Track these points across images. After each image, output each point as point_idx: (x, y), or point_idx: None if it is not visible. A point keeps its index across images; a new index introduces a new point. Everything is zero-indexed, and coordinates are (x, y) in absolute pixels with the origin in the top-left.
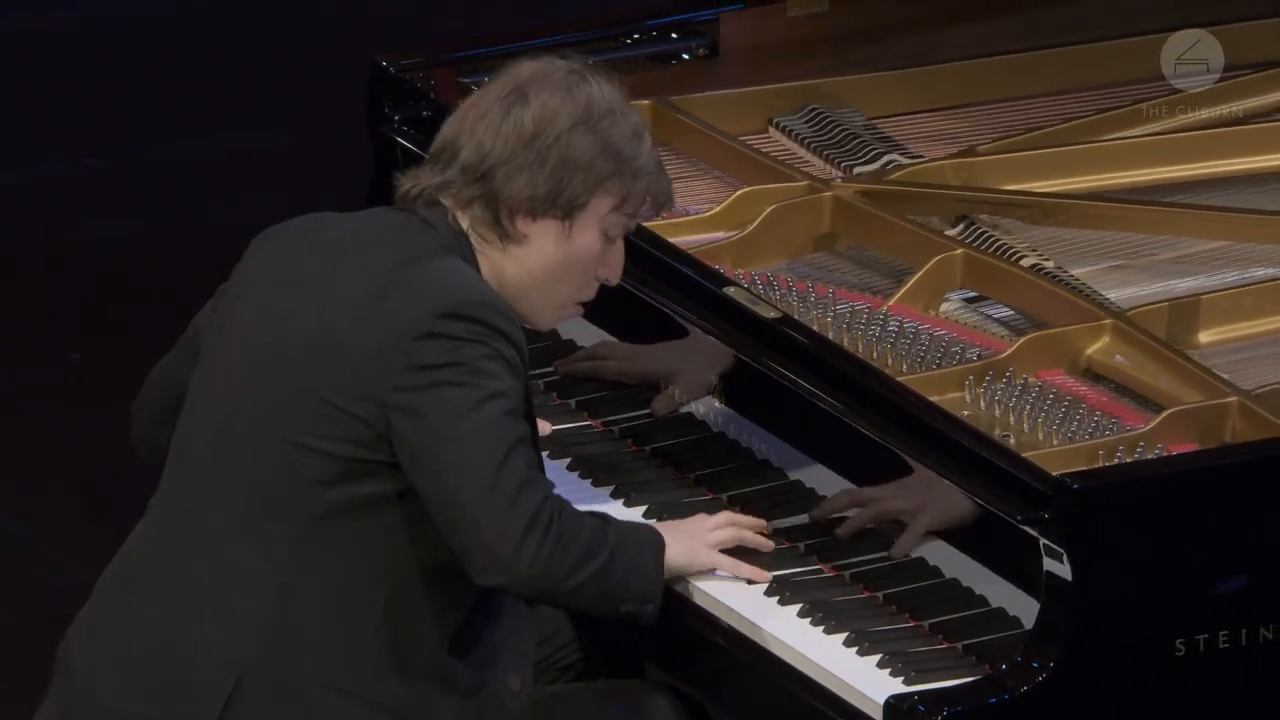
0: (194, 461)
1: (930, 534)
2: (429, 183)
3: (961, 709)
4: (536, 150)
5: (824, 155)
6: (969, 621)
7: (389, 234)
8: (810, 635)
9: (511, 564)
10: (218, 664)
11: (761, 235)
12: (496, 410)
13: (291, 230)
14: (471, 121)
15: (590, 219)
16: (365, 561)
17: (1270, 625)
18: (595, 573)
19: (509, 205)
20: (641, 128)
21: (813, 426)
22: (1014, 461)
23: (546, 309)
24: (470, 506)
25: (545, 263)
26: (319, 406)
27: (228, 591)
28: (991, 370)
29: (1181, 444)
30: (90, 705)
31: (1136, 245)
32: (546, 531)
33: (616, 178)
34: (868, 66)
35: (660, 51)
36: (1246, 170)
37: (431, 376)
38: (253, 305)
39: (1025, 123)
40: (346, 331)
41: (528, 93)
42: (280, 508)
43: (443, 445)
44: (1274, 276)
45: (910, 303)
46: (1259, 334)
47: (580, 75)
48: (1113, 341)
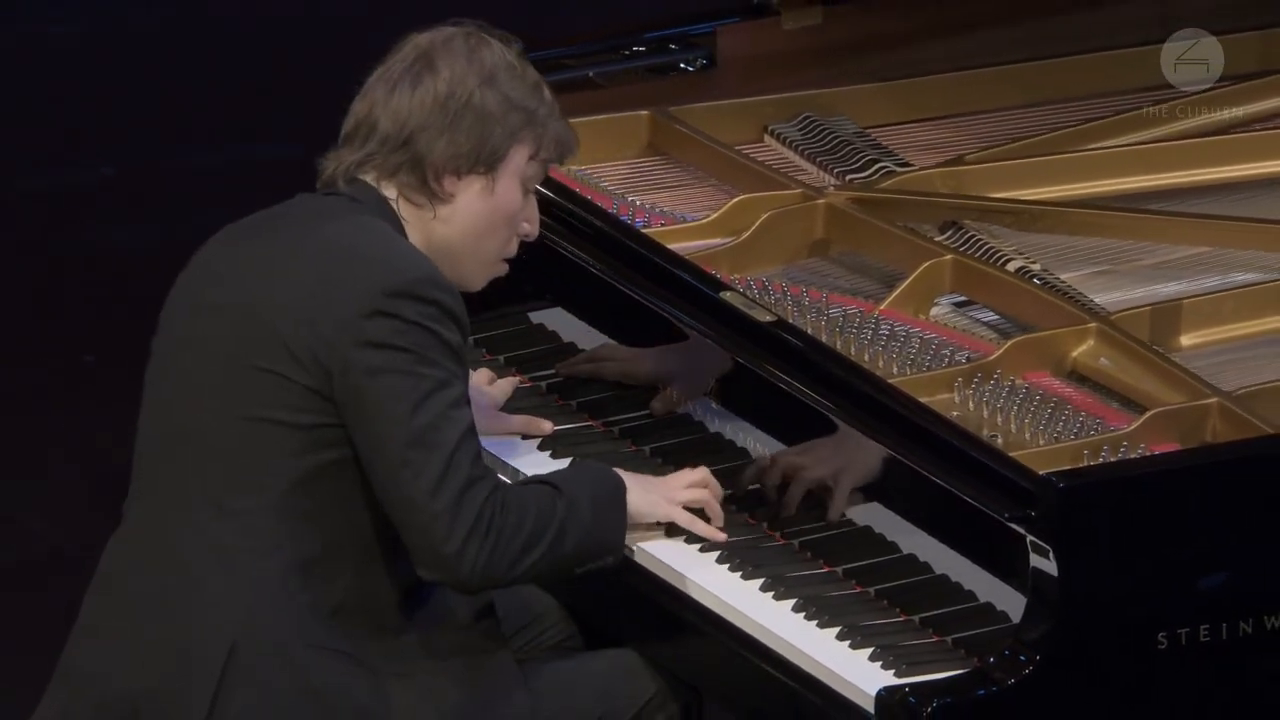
0: (162, 453)
1: (920, 530)
2: (351, 160)
3: (951, 700)
4: (452, 112)
5: (818, 163)
6: (958, 616)
7: (324, 212)
8: (805, 630)
9: (453, 569)
10: (210, 635)
11: (757, 241)
12: (443, 403)
13: (227, 231)
14: (383, 95)
15: (510, 170)
16: (337, 524)
17: (1250, 619)
18: (541, 555)
19: (434, 166)
20: (539, 79)
21: (806, 427)
22: (1002, 461)
23: (477, 267)
24: (415, 510)
25: (473, 219)
26: (273, 380)
27: (212, 568)
28: (980, 372)
29: (1164, 444)
30: (91, 693)
31: (1121, 251)
32: (487, 533)
33: (529, 127)
34: (860, 78)
35: (659, 63)
36: (1227, 178)
37: (380, 358)
38: (195, 300)
39: (1012, 132)
40: (296, 307)
41: (434, 61)
42: (253, 483)
43: (389, 441)
44: (1254, 281)
45: (901, 307)
46: (1239, 337)
47: (478, 38)
48: (1097, 344)
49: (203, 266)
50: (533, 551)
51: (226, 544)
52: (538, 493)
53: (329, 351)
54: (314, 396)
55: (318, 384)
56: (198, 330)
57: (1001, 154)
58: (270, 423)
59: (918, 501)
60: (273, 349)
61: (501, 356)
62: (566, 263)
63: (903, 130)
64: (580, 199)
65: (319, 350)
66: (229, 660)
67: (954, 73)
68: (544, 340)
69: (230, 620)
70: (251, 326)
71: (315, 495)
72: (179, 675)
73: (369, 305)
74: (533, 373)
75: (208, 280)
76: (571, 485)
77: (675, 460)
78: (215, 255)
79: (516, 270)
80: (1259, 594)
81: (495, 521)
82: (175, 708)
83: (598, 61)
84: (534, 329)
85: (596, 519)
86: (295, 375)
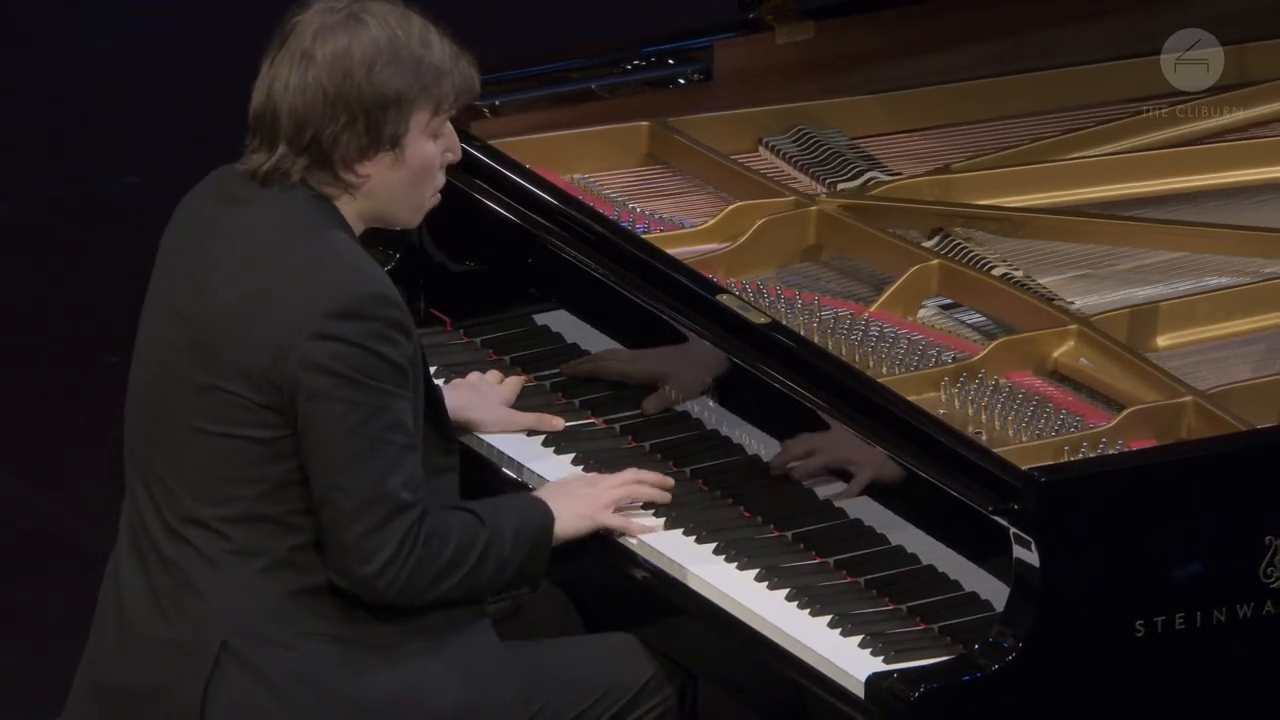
0: (140, 461)
1: (908, 523)
2: (267, 165)
3: (937, 685)
4: (344, 103)
5: (810, 172)
6: (944, 605)
7: (268, 217)
8: (798, 618)
9: (369, 588)
10: (201, 634)
11: (752, 247)
12: (378, 427)
13: (179, 230)
14: (277, 93)
15: (415, 136)
16: (308, 522)
17: (1223, 608)
18: (455, 583)
19: (342, 160)
20: (426, 28)
21: (800, 424)
22: (986, 457)
23: (411, 214)
24: (341, 531)
25: (393, 187)
26: (228, 399)
27: (198, 572)
28: (965, 372)
29: (1141, 440)
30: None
31: (1099, 256)
32: (406, 560)
33: (424, 92)
34: (850, 90)
35: (659, 76)
36: (1201, 186)
37: (322, 382)
38: (167, 305)
39: (996, 142)
40: (247, 330)
41: (313, 52)
42: (223, 495)
43: (324, 462)
44: (1226, 285)
45: (890, 309)
46: (1213, 338)
47: (352, 15)
48: (1077, 345)
49: (176, 262)
50: (448, 579)
51: (207, 550)
52: (462, 521)
53: (278, 371)
54: (269, 412)
55: (271, 401)
56: (164, 337)
57: (986, 163)
58: (232, 438)
59: (906, 495)
60: (228, 371)
61: (508, 357)
62: (570, 267)
63: (891, 140)
64: (583, 206)
65: (269, 371)
66: (220, 652)
67: (940, 86)
68: (549, 341)
69: (219, 621)
70: (209, 349)
71: (285, 500)
72: (174, 671)
73: (312, 327)
74: (538, 372)
75: (179, 278)
76: (497, 517)
77: (673, 456)
78: (191, 241)
79: (523, 274)
80: (1231, 583)
81: (415, 551)
82: (171, 699)
83: (600, 74)
84: (539, 330)
85: (516, 551)
86: (251, 394)
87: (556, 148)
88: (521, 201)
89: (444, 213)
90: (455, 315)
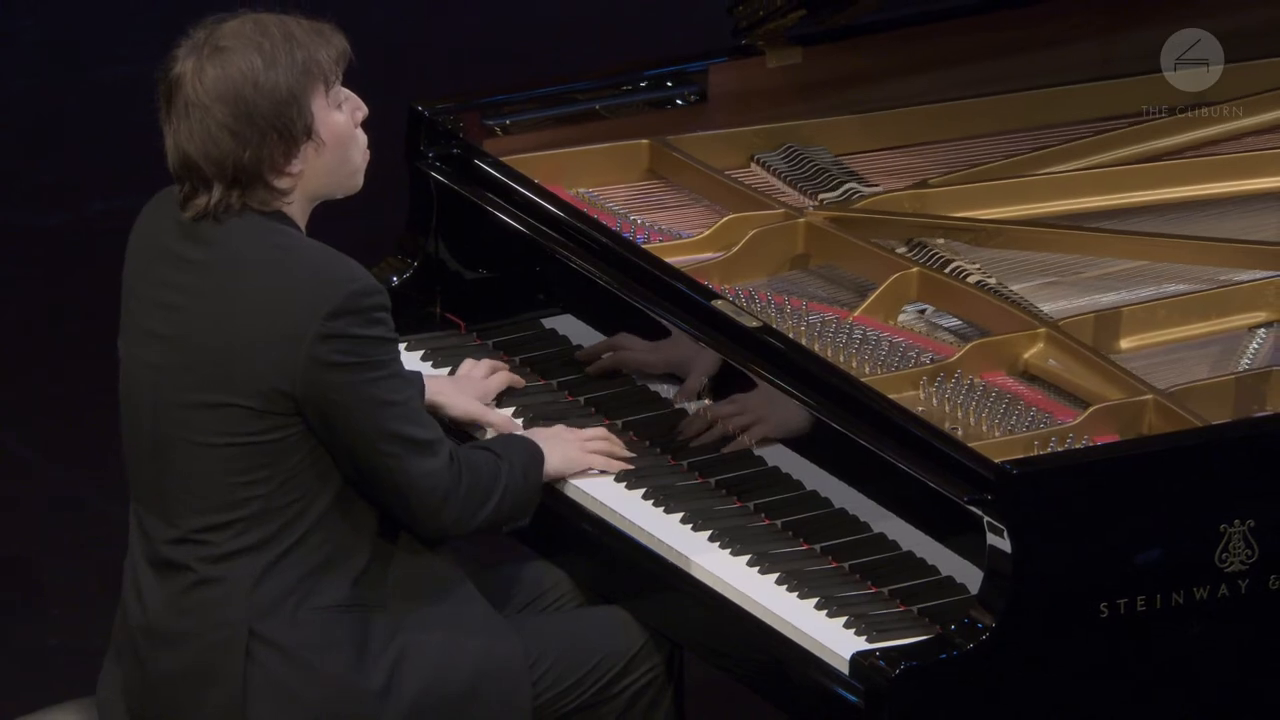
0: (141, 470)
1: (889, 512)
2: (210, 206)
3: (917, 663)
4: (249, 126)
5: (798, 187)
6: (923, 588)
7: (233, 248)
8: (787, 600)
9: (440, 528)
10: (227, 627)
11: (744, 256)
12: (394, 387)
13: (143, 260)
14: (186, 148)
15: (323, 116)
16: (318, 503)
17: (1181, 591)
18: (492, 510)
19: (272, 170)
20: (282, 23)
21: (789, 423)
22: (961, 450)
23: (351, 178)
24: (400, 487)
25: (327, 167)
26: (234, 412)
27: (212, 571)
28: (942, 372)
29: (1105, 435)
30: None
31: (1067, 264)
32: (459, 488)
33: (309, 78)
34: (836, 110)
35: (657, 98)
36: (1161, 200)
37: (340, 376)
38: (136, 340)
39: (971, 159)
40: (241, 346)
41: (198, 98)
42: (241, 495)
43: (365, 443)
44: (1184, 292)
45: (872, 314)
46: (1172, 341)
47: (214, 48)
48: (1046, 347)
49: (147, 292)
50: (486, 506)
51: (225, 548)
52: (484, 457)
53: (288, 380)
54: (277, 415)
55: (281, 407)
56: (152, 365)
57: (961, 178)
58: (236, 447)
59: (887, 486)
60: (232, 388)
61: (518, 357)
62: (575, 274)
63: (874, 157)
64: (587, 218)
65: (278, 382)
66: (250, 641)
67: (919, 106)
68: (555, 343)
69: (241, 615)
70: (207, 372)
71: (295, 488)
72: (208, 664)
73: (314, 332)
74: (544, 372)
75: (153, 309)
76: (505, 450)
77: (672, 451)
78: (161, 273)
79: (531, 281)
80: (1189, 568)
81: (464, 479)
82: (211, 690)
83: (603, 96)
84: (546, 333)
85: (526, 482)
86: (259, 405)
87: (563, 164)
88: (530, 213)
89: (458, 224)
90: (469, 319)
